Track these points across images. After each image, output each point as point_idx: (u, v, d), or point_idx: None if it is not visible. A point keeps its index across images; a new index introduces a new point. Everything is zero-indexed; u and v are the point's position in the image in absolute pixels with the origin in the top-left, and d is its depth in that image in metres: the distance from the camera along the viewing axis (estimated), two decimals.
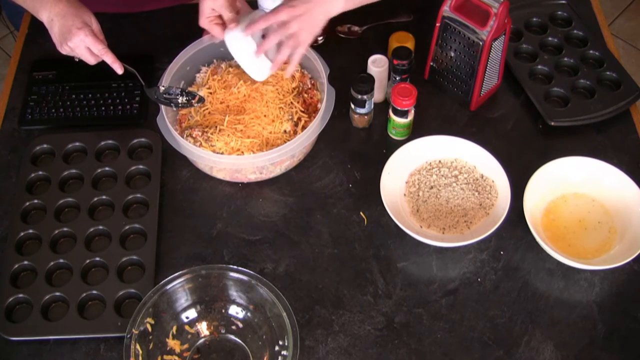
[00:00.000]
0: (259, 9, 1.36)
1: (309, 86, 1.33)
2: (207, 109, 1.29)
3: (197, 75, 1.36)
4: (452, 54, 1.33)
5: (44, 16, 1.22)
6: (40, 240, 1.21)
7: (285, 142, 1.22)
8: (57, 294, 1.15)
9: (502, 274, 1.18)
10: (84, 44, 1.21)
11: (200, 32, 1.32)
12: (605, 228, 1.21)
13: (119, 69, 1.25)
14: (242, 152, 1.22)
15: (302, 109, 1.29)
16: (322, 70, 1.28)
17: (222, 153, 1.22)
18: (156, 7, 1.52)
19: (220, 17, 1.23)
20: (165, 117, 1.22)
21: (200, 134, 1.24)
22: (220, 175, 1.27)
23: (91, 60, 1.24)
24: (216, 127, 1.24)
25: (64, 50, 1.23)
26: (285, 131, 1.26)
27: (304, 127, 1.27)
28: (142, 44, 1.49)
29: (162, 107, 1.24)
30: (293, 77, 1.31)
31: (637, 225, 1.17)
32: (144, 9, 1.51)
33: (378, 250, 1.21)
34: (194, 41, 1.33)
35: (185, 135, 1.25)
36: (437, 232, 1.21)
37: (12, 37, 2.71)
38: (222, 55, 1.36)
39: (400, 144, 1.28)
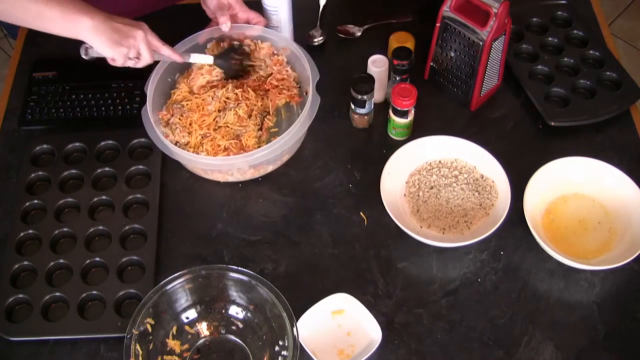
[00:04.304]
0: (263, 5, 1.36)
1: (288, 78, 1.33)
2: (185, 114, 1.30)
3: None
4: (452, 54, 1.33)
5: (94, 19, 1.10)
6: (40, 240, 1.21)
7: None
8: (57, 294, 1.15)
9: (502, 274, 1.18)
10: (145, 38, 1.15)
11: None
12: (606, 228, 1.21)
13: (179, 58, 1.23)
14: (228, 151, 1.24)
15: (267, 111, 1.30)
16: (310, 75, 1.27)
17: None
18: (154, 9, 1.52)
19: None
20: (150, 112, 1.24)
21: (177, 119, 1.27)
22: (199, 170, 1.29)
23: (147, 58, 1.18)
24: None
25: (119, 52, 1.14)
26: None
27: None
28: None
29: (148, 103, 1.25)
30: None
31: (637, 226, 1.17)
32: (143, 14, 1.50)
33: (378, 250, 1.21)
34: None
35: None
36: (437, 232, 1.21)
37: (6, 40, 2.70)
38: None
39: (400, 144, 1.28)
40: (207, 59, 1.28)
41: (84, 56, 1.18)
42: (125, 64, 1.18)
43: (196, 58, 1.27)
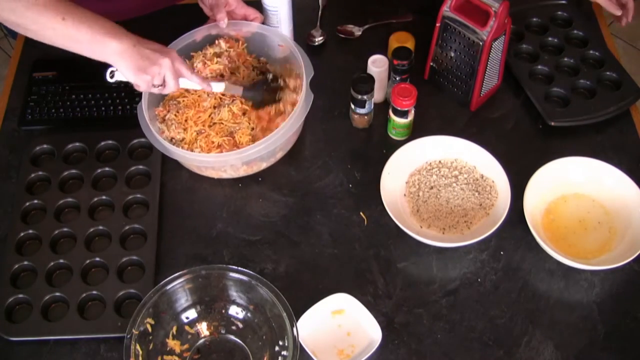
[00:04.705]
0: (263, 5, 1.36)
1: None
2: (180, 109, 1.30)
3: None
4: (452, 54, 1.33)
5: (122, 43, 1.10)
6: (40, 240, 1.21)
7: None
8: (57, 294, 1.15)
9: (502, 274, 1.18)
10: (171, 66, 1.14)
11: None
12: (606, 228, 1.21)
13: (208, 87, 1.21)
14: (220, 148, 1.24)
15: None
16: (303, 72, 1.26)
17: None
18: (154, 9, 1.52)
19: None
20: (145, 108, 1.24)
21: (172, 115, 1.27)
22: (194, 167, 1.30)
23: (172, 86, 1.17)
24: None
25: (143, 79, 1.13)
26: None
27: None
28: None
29: (143, 100, 1.25)
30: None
31: (637, 226, 1.17)
32: (143, 14, 1.50)
33: (378, 250, 1.21)
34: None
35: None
36: (437, 232, 1.21)
37: (6, 40, 2.70)
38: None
39: (400, 144, 1.28)
40: (237, 90, 1.26)
41: (109, 79, 1.16)
42: (149, 90, 1.17)
43: (226, 88, 1.24)
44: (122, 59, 1.11)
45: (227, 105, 1.27)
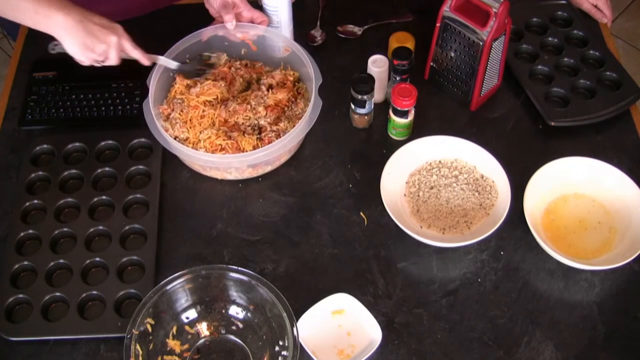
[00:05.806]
0: (263, 5, 1.36)
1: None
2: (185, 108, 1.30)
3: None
4: (452, 54, 1.33)
5: (68, 17, 1.08)
6: (40, 240, 1.21)
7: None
8: (57, 294, 1.15)
9: (502, 274, 1.18)
10: (117, 44, 1.14)
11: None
12: (606, 228, 1.21)
13: (147, 61, 1.23)
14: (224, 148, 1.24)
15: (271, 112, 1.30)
16: (313, 79, 1.27)
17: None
18: (154, 9, 1.52)
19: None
20: (151, 104, 1.24)
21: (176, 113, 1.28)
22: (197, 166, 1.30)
23: (114, 61, 1.17)
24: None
25: (88, 56, 1.14)
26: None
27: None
28: (144, 46, 1.48)
29: (150, 96, 1.25)
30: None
31: (637, 226, 1.17)
32: (143, 14, 1.50)
33: (378, 250, 1.21)
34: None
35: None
36: (437, 232, 1.21)
37: (6, 40, 2.70)
38: (223, 48, 1.37)
39: (400, 144, 1.28)
40: (172, 64, 1.29)
41: (51, 51, 1.16)
42: (90, 64, 1.18)
43: (163, 61, 1.28)
44: (68, 34, 1.10)
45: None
